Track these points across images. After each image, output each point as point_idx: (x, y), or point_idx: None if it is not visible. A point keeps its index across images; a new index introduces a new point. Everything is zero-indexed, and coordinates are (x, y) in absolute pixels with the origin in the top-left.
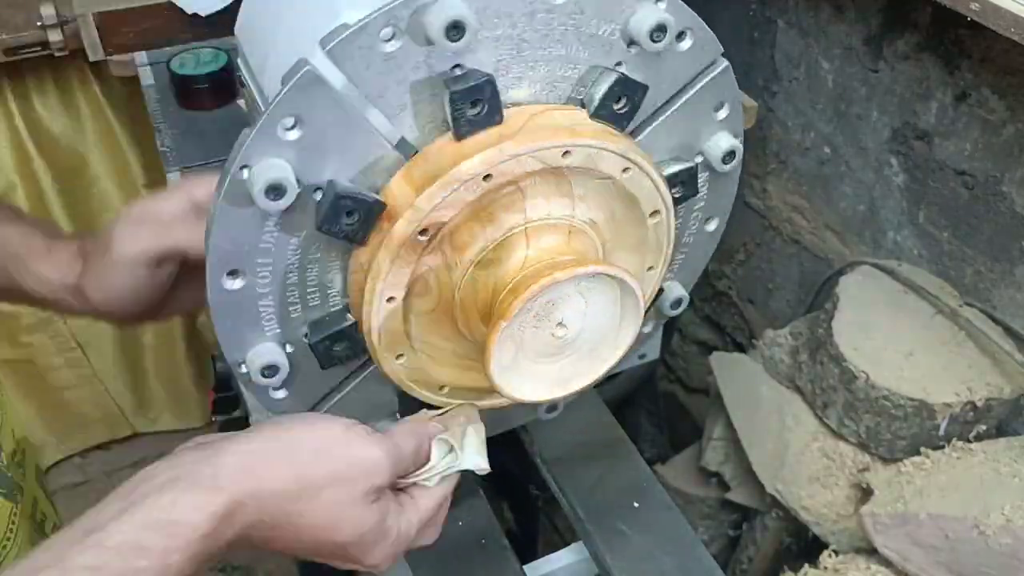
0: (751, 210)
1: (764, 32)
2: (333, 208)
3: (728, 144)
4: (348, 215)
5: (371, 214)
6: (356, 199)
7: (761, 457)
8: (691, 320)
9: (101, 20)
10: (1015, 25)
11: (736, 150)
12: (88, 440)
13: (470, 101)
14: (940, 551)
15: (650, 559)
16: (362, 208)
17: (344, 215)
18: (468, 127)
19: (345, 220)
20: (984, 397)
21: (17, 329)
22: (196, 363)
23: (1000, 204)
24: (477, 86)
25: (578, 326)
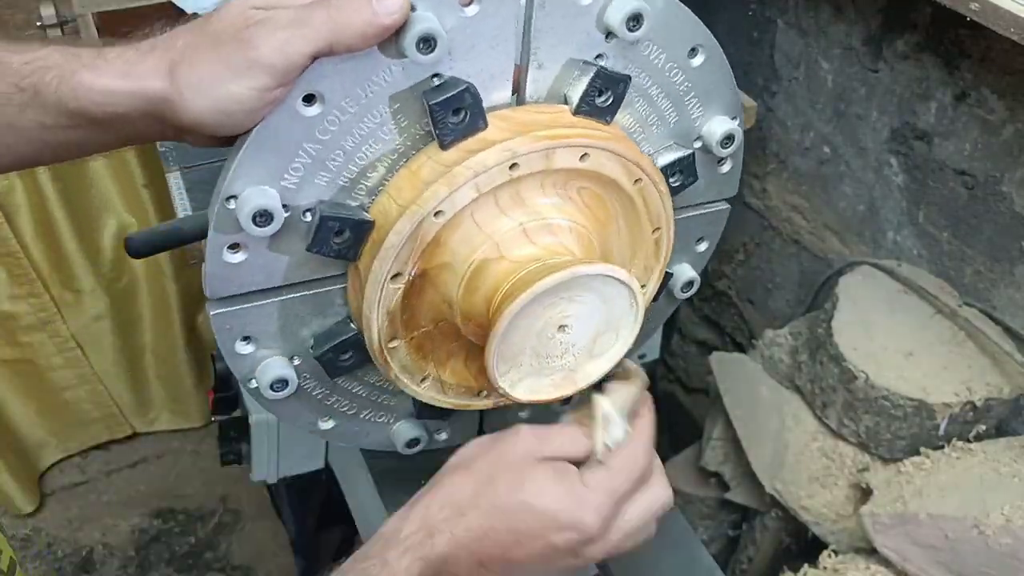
0: (751, 210)
1: (764, 32)
2: (453, 97)
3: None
4: (338, 235)
5: (360, 232)
6: (343, 219)
7: (761, 457)
8: (691, 320)
9: (101, 20)
10: (1015, 25)
11: (694, 283)
12: (88, 440)
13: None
14: (940, 551)
15: (650, 559)
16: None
17: (333, 235)
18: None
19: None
20: (984, 397)
21: (17, 329)
22: (196, 363)
23: (1000, 204)
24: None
25: (578, 328)
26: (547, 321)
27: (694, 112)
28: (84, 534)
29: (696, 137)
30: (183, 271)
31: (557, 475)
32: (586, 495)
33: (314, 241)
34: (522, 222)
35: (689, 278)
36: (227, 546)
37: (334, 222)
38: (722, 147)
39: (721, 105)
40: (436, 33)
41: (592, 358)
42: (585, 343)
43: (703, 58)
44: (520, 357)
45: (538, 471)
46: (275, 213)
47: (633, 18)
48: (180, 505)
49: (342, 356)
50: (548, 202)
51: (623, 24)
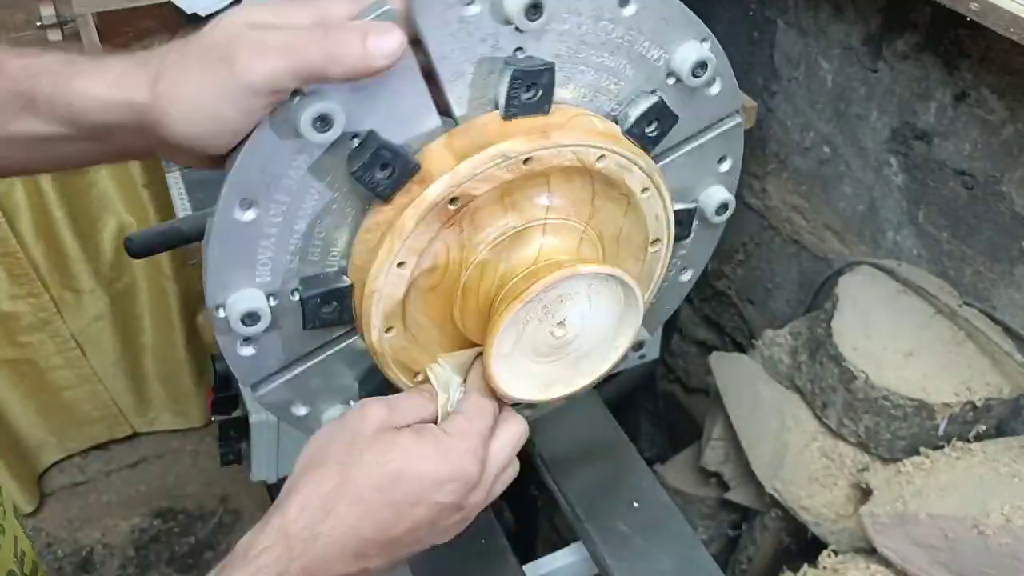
0: (751, 210)
1: (763, 32)
2: (373, 157)
3: (723, 196)
4: (383, 168)
5: (405, 172)
6: (396, 153)
7: (760, 457)
8: (691, 320)
9: (100, 20)
10: (1014, 25)
11: (729, 204)
12: (88, 440)
13: (527, 84)
14: (939, 551)
15: (650, 559)
16: (399, 164)
17: (379, 167)
18: (518, 109)
19: (379, 173)
20: (983, 397)
21: (17, 329)
22: (196, 363)
23: (1000, 204)
24: (539, 71)
25: (578, 328)
26: (547, 321)
27: (652, 53)
28: (84, 534)
29: (668, 74)
30: (183, 271)
31: (419, 435)
32: (455, 443)
33: (306, 320)
34: (545, 216)
35: (722, 200)
36: (227, 546)
37: (314, 299)
38: (695, 76)
39: (681, 33)
40: (330, 112)
41: (592, 358)
42: (585, 342)
43: (636, 5)
44: (520, 356)
45: (400, 437)
46: (261, 313)
47: (532, 6)
48: (180, 505)
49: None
50: (573, 204)
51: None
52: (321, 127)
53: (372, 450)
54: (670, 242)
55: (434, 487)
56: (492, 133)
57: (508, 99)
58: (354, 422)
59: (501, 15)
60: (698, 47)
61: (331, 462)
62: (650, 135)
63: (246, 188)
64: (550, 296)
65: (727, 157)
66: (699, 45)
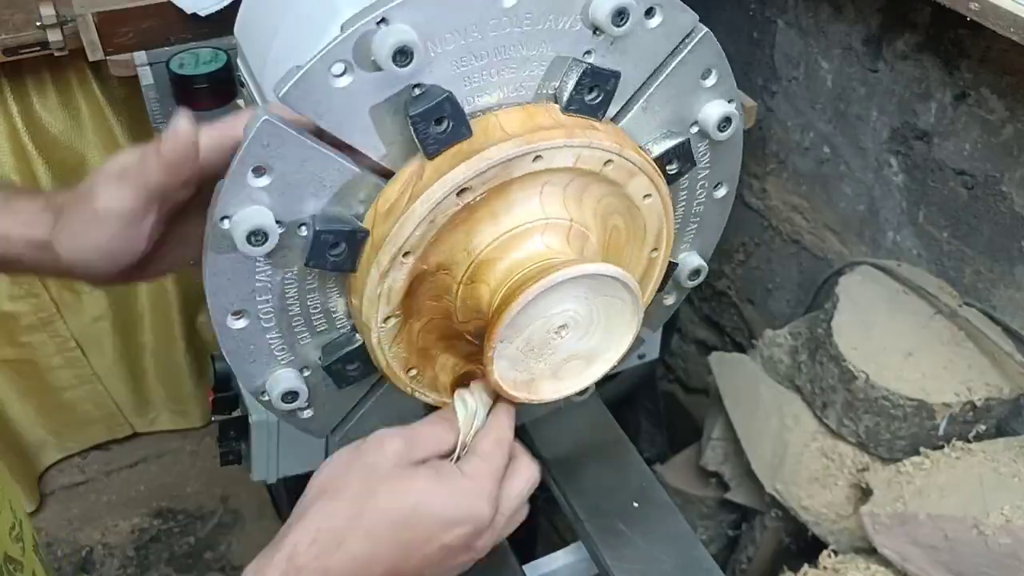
0: (751, 210)
1: (763, 32)
2: (316, 245)
3: (722, 111)
4: (333, 247)
5: (354, 242)
6: (337, 232)
7: (760, 457)
8: (691, 320)
9: (100, 20)
10: (1014, 25)
11: (731, 116)
12: (87, 440)
13: (433, 120)
14: (939, 551)
15: (650, 559)
16: (343, 239)
17: (329, 248)
18: (436, 145)
19: (331, 252)
20: (983, 397)
21: (16, 329)
22: (196, 363)
23: (1000, 204)
24: (436, 105)
25: (578, 328)
26: (547, 321)
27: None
28: (84, 534)
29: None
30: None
31: (438, 475)
32: (471, 486)
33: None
34: (526, 221)
35: (722, 114)
36: (227, 546)
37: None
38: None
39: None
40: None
41: (592, 358)
42: (584, 343)
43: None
44: (520, 357)
45: (417, 475)
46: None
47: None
48: (180, 505)
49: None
50: (542, 203)
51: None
52: (257, 241)
53: (388, 486)
54: (663, 188)
55: (446, 528)
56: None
57: (421, 140)
58: (372, 454)
59: (375, 67)
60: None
61: (345, 494)
62: (593, 102)
63: (228, 303)
64: (549, 297)
65: (710, 71)
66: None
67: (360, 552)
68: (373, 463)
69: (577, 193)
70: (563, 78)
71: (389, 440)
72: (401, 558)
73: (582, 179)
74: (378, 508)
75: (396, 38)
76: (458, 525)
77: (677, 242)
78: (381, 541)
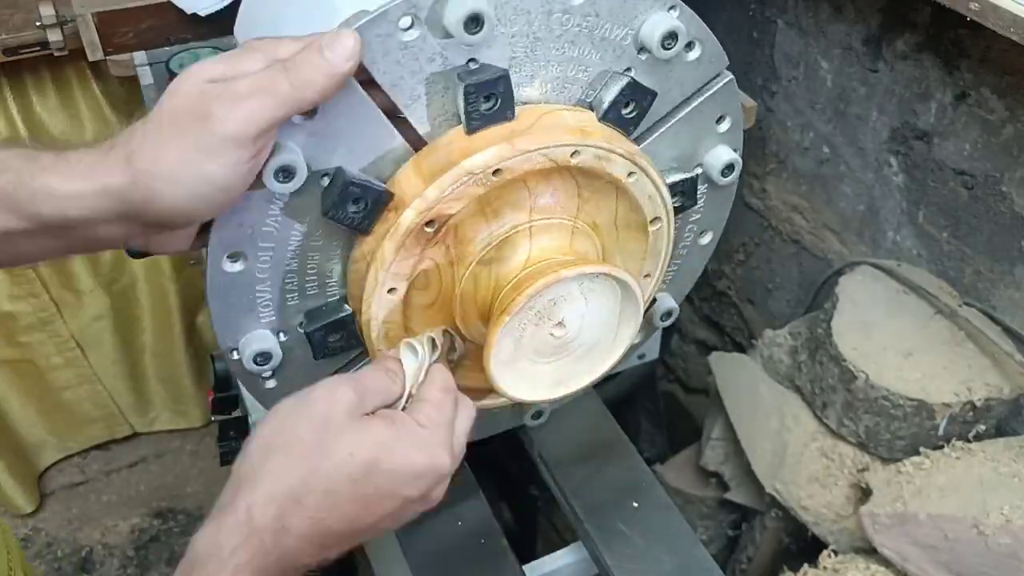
0: (750, 210)
1: (763, 32)
2: (341, 195)
3: (728, 157)
4: (355, 203)
5: (378, 203)
6: (364, 187)
7: (760, 457)
8: (690, 320)
9: (100, 20)
10: (1014, 25)
11: (735, 164)
12: (87, 440)
13: (484, 95)
14: (939, 551)
15: (649, 559)
16: (370, 196)
17: (351, 203)
18: (480, 121)
19: (352, 208)
20: (983, 397)
21: (16, 329)
22: (196, 363)
23: (1000, 204)
24: (491, 81)
25: (577, 327)
26: (544, 323)
27: (615, 33)
28: (84, 534)
29: (640, 49)
30: (183, 271)
31: (394, 426)
32: (429, 436)
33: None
34: (530, 219)
35: (727, 160)
36: None
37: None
38: (665, 47)
39: (645, 7)
40: (484, 12)
41: (595, 354)
42: (586, 340)
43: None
44: (520, 356)
45: (373, 428)
46: (272, 352)
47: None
48: (180, 505)
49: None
50: (558, 201)
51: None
52: (285, 178)
53: (345, 440)
54: (670, 217)
55: (407, 481)
56: (458, 149)
57: (467, 113)
58: (322, 405)
59: (443, 32)
60: (666, 16)
61: (297, 449)
62: (628, 116)
63: (230, 242)
64: (542, 301)
65: (725, 116)
66: (666, 14)
67: (320, 510)
68: (324, 415)
69: (594, 198)
70: (603, 88)
71: (340, 390)
72: (361, 513)
73: (603, 186)
74: (335, 464)
75: (472, 4)
76: (421, 478)
77: None
78: (341, 498)
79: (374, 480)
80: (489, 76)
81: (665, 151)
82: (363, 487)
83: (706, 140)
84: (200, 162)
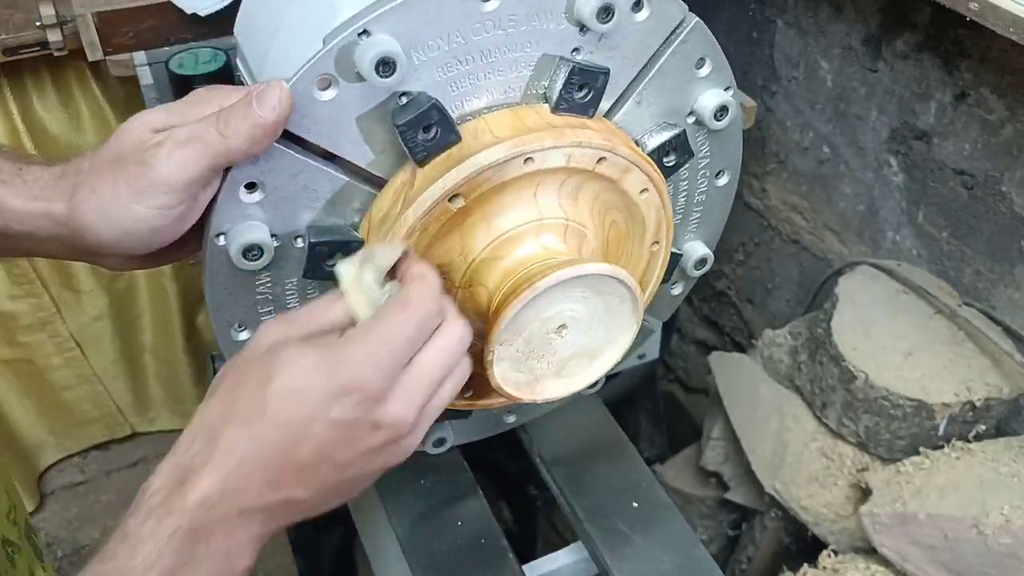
0: (750, 210)
1: (763, 32)
2: (312, 257)
3: (717, 100)
4: (329, 259)
5: (349, 252)
6: (331, 243)
7: (760, 457)
8: (690, 320)
9: (100, 20)
10: (1014, 25)
11: (727, 104)
12: (87, 440)
13: (421, 128)
14: (939, 551)
15: (649, 559)
16: (340, 248)
17: (325, 259)
18: (425, 152)
19: (327, 264)
20: (983, 397)
21: (16, 329)
22: (196, 363)
23: (999, 204)
24: (423, 113)
25: (577, 328)
26: (547, 320)
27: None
28: (84, 534)
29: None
30: (183, 271)
31: (306, 344)
32: (347, 350)
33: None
34: (522, 222)
35: (718, 103)
36: None
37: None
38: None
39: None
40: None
41: (592, 357)
42: (585, 342)
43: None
44: (519, 356)
45: (286, 350)
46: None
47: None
48: None
49: (330, 259)
50: (538, 203)
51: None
52: (254, 257)
53: (256, 368)
54: (660, 181)
55: (324, 401)
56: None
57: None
58: (250, 346)
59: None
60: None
61: (223, 387)
62: (583, 100)
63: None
64: (548, 297)
65: (704, 59)
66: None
67: (240, 441)
68: (249, 352)
69: (572, 192)
70: (551, 78)
71: (265, 327)
72: (289, 441)
73: (576, 178)
74: (247, 392)
75: (377, 49)
76: (337, 396)
77: (681, 232)
78: (259, 427)
79: (287, 404)
80: (418, 111)
81: (645, 114)
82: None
83: (691, 89)
84: (130, 202)
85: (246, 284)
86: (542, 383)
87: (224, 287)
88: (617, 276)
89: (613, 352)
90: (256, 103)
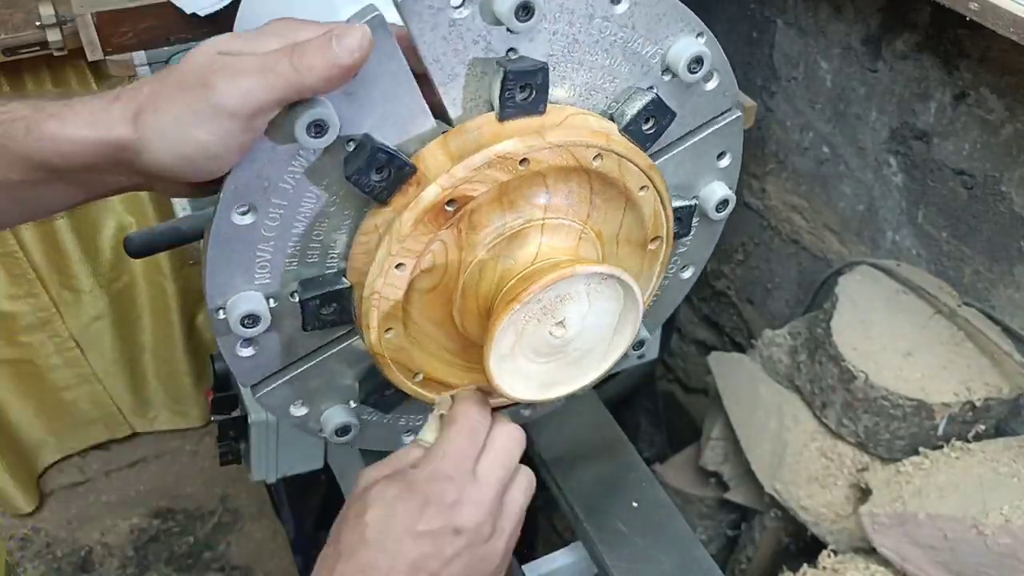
0: (750, 210)
1: (763, 32)
2: (368, 160)
3: (723, 193)
4: (379, 171)
5: (401, 174)
6: (391, 155)
7: (760, 457)
8: (690, 320)
9: (100, 20)
10: (1014, 25)
11: (729, 200)
12: (87, 440)
13: (520, 85)
14: (939, 551)
15: (649, 559)
16: (394, 166)
17: (375, 170)
18: (513, 110)
19: (375, 176)
20: (983, 397)
21: (16, 329)
22: (195, 363)
23: (999, 204)
24: (532, 71)
25: (577, 328)
26: (546, 321)
27: (647, 49)
28: (83, 534)
29: (664, 70)
30: (182, 271)
31: (390, 479)
32: (420, 473)
33: (306, 322)
34: (543, 216)
35: (723, 196)
36: (226, 546)
37: (314, 301)
38: (691, 71)
39: (676, 28)
40: (325, 117)
41: (592, 357)
42: (585, 342)
43: (628, 3)
44: (520, 357)
45: (376, 486)
46: (260, 315)
47: (523, 8)
48: (179, 505)
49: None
50: (572, 203)
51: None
52: (316, 133)
53: (354, 506)
54: (670, 239)
55: (409, 520)
56: (487, 134)
57: (503, 100)
58: (353, 491)
59: (492, 16)
60: (694, 42)
61: (333, 529)
62: (647, 132)
63: (244, 193)
64: (549, 296)
65: (726, 153)
66: (695, 40)
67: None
68: (352, 496)
69: (604, 207)
70: (627, 100)
71: (362, 471)
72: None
73: (615, 195)
74: (349, 529)
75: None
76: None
77: None
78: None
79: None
80: (529, 66)
81: (669, 176)
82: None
83: (706, 173)
84: (191, 126)
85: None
86: (540, 383)
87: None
88: (617, 276)
89: (612, 353)
90: (335, 43)
